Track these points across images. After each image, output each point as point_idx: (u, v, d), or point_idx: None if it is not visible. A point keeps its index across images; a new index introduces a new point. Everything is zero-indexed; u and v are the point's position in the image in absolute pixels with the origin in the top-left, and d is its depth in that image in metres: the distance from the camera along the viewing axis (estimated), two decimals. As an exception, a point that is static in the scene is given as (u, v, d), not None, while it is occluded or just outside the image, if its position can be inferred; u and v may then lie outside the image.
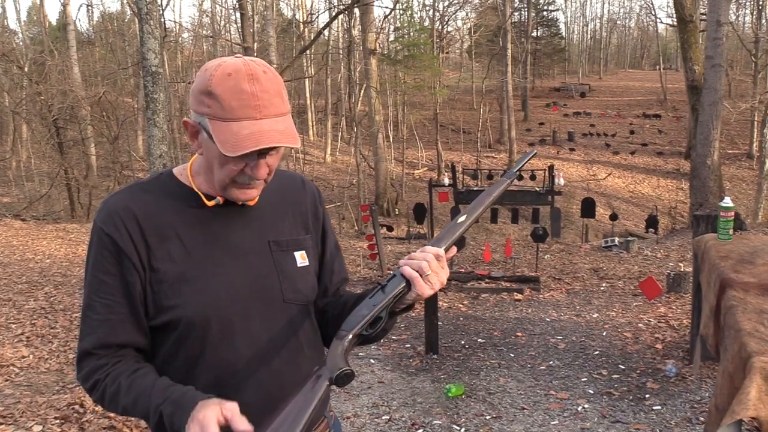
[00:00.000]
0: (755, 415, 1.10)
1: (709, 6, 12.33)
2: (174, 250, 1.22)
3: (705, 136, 12.68)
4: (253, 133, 1.12)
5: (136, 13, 11.94)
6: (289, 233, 1.34)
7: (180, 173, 1.30)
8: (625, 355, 5.02)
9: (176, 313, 1.21)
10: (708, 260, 1.88)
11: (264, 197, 1.31)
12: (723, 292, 1.50)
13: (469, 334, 5.83)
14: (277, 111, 1.16)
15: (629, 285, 8.07)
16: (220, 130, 1.14)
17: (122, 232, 1.20)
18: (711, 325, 1.59)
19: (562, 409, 3.90)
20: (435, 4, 35.88)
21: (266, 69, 1.17)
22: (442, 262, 1.21)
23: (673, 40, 53.41)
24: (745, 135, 28.74)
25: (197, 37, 31.84)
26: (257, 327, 1.24)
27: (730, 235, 1.98)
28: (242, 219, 1.29)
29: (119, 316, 1.21)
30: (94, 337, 1.21)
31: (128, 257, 1.20)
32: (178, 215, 1.24)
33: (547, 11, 46.87)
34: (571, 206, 21.79)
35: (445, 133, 31.94)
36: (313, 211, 1.41)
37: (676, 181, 26.74)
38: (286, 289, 1.28)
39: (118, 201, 1.24)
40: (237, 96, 1.13)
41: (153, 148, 7.21)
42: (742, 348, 1.22)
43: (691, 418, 3.66)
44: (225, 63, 1.16)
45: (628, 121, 34.63)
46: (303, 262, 1.33)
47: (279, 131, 1.14)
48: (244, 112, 1.13)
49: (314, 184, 1.48)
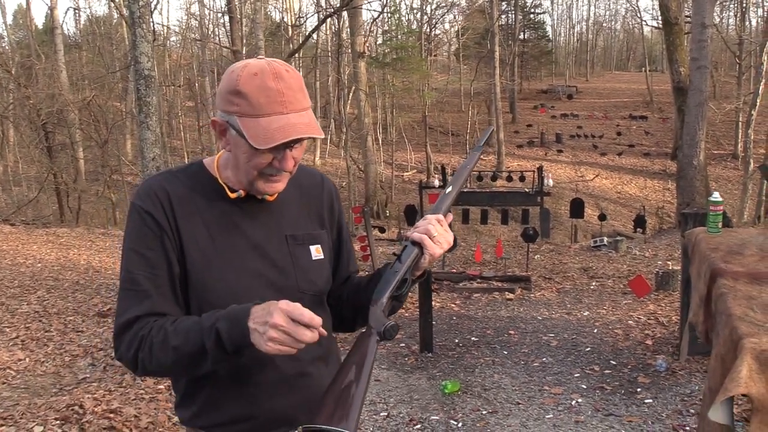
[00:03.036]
0: (746, 392, 1.18)
1: (694, 8, 12.50)
2: (200, 236, 1.30)
3: (691, 136, 12.84)
4: (282, 126, 1.20)
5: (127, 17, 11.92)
6: (305, 228, 1.41)
7: (209, 165, 1.38)
8: (616, 351, 5.11)
9: (197, 301, 1.29)
10: (698, 252, 1.96)
11: (285, 193, 1.39)
12: (714, 281, 1.58)
13: (462, 333, 5.90)
14: (301, 106, 1.24)
15: (618, 284, 8.18)
16: (250, 126, 1.21)
17: (160, 210, 1.28)
18: (701, 313, 1.67)
19: (556, 403, 3.98)
20: (423, 7, 36.04)
21: (288, 68, 1.26)
22: (444, 225, 1.32)
23: (658, 43, 53.92)
24: (730, 136, 29.09)
25: (185, 41, 31.79)
26: None
27: (719, 228, 2.06)
28: (262, 213, 1.36)
29: (162, 289, 1.28)
30: (139, 307, 1.26)
31: (167, 234, 1.28)
32: (206, 204, 1.32)
33: (534, 14, 47.21)
34: (559, 207, 21.96)
35: (433, 136, 32.06)
36: (329, 207, 1.49)
37: (663, 181, 27.00)
38: (301, 280, 1.36)
39: (154, 183, 1.32)
40: (264, 93, 1.21)
41: (146, 152, 7.22)
42: (733, 331, 1.30)
43: (682, 410, 3.75)
44: (250, 64, 1.24)
45: (615, 122, 34.92)
46: (318, 256, 1.41)
47: (305, 124, 1.23)
48: (271, 107, 1.21)
49: (331, 181, 1.56)
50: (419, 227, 1.31)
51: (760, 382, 1.17)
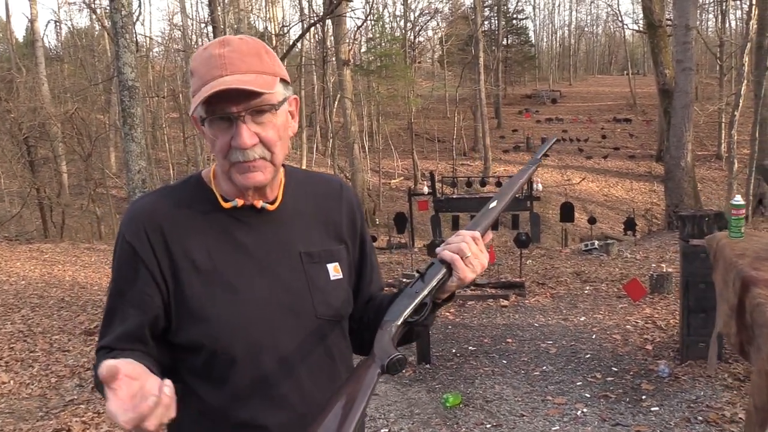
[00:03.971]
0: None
1: (678, 11, 12.58)
2: (199, 260, 1.15)
3: (678, 138, 12.91)
4: (212, 86, 1.06)
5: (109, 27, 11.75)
6: (321, 244, 1.25)
7: (206, 176, 1.24)
8: (616, 357, 5.03)
9: (198, 334, 1.14)
10: (723, 258, 1.88)
11: (295, 204, 1.25)
12: (746, 290, 1.50)
13: (459, 342, 5.80)
14: (249, 68, 1.09)
15: (612, 287, 8.12)
16: (194, 100, 1.09)
17: (143, 240, 1.14)
18: (733, 324, 1.59)
19: (561, 414, 3.89)
20: (406, 14, 36.12)
21: (246, 37, 1.14)
22: (480, 245, 1.16)
23: (639, 46, 54.50)
24: (713, 137, 29.34)
25: (168, 51, 31.58)
26: (287, 345, 1.17)
27: (742, 232, 1.98)
28: (270, 228, 1.21)
29: (129, 329, 1.14)
30: (105, 339, 1.16)
31: (146, 267, 1.14)
32: (203, 222, 1.18)
33: (517, 19, 47.48)
34: (547, 211, 22.00)
35: (420, 143, 32.07)
36: (350, 219, 1.32)
37: (649, 183, 27.18)
38: (318, 304, 1.20)
39: (142, 206, 1.19)
40: (206, 61, 1.10)
41: (131, 164, 7.07)
42: (780, 346, 1.21)
43: (690, 417, 3.67)
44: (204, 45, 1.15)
45: (599, 125, 35.13)
46: (336, 275, 1.25)
47: (238, 80, 1.07)
48: (210, 73, 1.08)
49: (352, 189, 1.40)
50: (451, 244, 1.14)
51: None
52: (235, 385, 1.15)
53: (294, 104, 1.21)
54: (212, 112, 1.09)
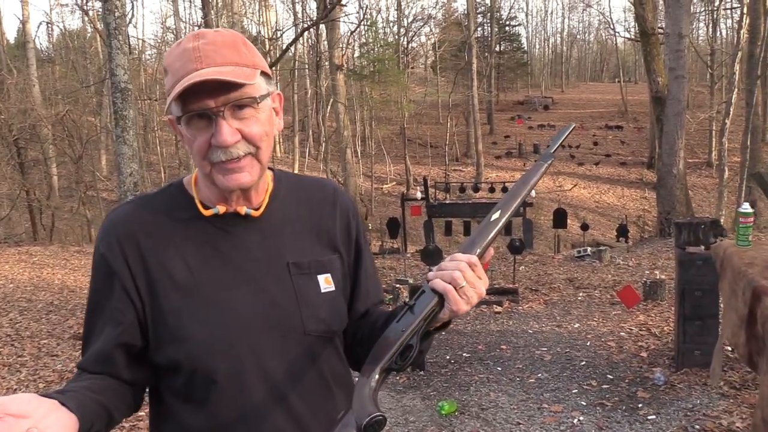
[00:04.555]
0: (824, 428, 1.06)
1: (671, 19, 12.64)
2: (177, 273, 1.07)
3: (670, 145, 12.95)
4: (187, 80, 0.98)
5: (100, 29, 11.65)
6: (312, 253, 1.16)
7: (188, 183, 1.15)
8: (611, 364, 5.01)
9: (177, 353, 1.06)
10: (730, 267, 1.85)
11: (283, 210, 1.16)
12: (758, 300, 1.47)
13: (453, 349, 5.76)
14: (225, 60, 1.01)
15: (606, 294, 8.12)
16: (169, 99, 1.01)
17: (116, 253, 1.07)
18: (742, 334, 1.56)
19: (557, 422, 3.85)
20: (399, 20, 36.20)
21: (223, 30, 1.06)
22: (478, 271, 1.03)
23: (631, 54, 54.85)
24: (704, 144, 29.54)
25: (161, 54, 31.46)
26: (274, 365, 1.08)
27: (750, 241, 1.96)
28: (256, 237, 1.12)
29: (101, 348, 1.07)
30: (82, 359, 1.10)
31: (120, 282, 1.07)
32: (183, 231, 1.10)
33: (510, 26, 47.70)
34: (539, 217, 22.03)
35: (412, 148, 32.09)
36: (344, 226, 1.22)
37: (640, 190, 27.30)
38: (308, 319, 1.11)
39: (117, 217, 1.11)
40: (180, 56, 1.02)
41: (123, 167, 7.00)
42: (795, 358, 1.18)
43: (687, 426, 3.64)
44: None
45: (591, 132, 35.28)
46: (328, 287, 1.15)
47: (216, 72, 0.99)
48: (185, 68, 1.00)
49: (348, 194, 1.32)
50: (444, 271, 1.01)
51: (837, 418, 1.05)
52: (217, 409, 1.07)
53: (278, 100, 1.12)
54: (188, 110, 1.01)
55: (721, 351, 2.25)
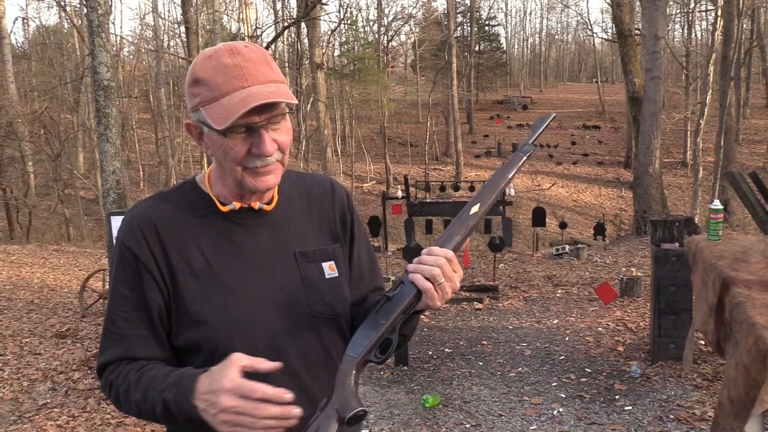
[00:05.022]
0: (784, 402, 1.16)
1: (647, 21, 12.87)
2: (195, 263, 1.17)
3: (646, 145, 13.20)
4: (243, 98, 1.07)
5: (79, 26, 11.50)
6: (316, 243, 1.27)
7: (201, 181, 1.25)
8: (589, 358, 5.14)
9: (199, 334, 1.15)
10: (701, 260, 1.97)
11: (288, 204, 1.27)
12: (726, 290, 1.58)
13: (435, 345, 5.86)
14: (266, 78, 1.11)
15: (583, 291, 8.28)
16: (211, 111, 1.09)
17: (142, 244, 1.16)
18: (711, 321, 1.67)
19: (538, 414, 3.97)
20: (380, 19, 36.27)
21: (248, 44, 1.14)
22: (454, 265, 1.10)
23: (608, 55, 55.53)
24: (679, 144, 30.04)
25: (139, 51, 31.18)
26: (284, 344, 1.18)
27: (720, 236, 2.07)
28: (264, 229, 1.23)
29: (138, 331, 1.16)
30: (114, 351, 1.17)
31: (149, 270, 1.16)
32: (200, 226, 1.19)
33: (489, 26, 48.00)
34: (518, 216, 22.25)
35: (392, 147, 32.18)
36: (342, 217, 1.33)
37: (617, 189, 27.69)
38: (314, 303, 1.21)
39: (138, 212, 1.20)
40: (221, 72, 1.09)
41: (105, 165, 6.99)
42: (759, 341, 1.28)
43: (662, 416, 3.78)
44: (206, 50, 1.15)
45: (569, 132, 35.68)
46: (332, 273, 1.26)
47: (270, 92, 1.09)
48: (230, 84, 1.08)
49: (344, 187, 1.42)
50: (424, 267, 1.08)
51: (795, 394, 1.16)
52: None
53: None
54: (235, 123, 1.09)
55: (692, 339, 2.37)
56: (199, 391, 1.02)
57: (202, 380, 1.03)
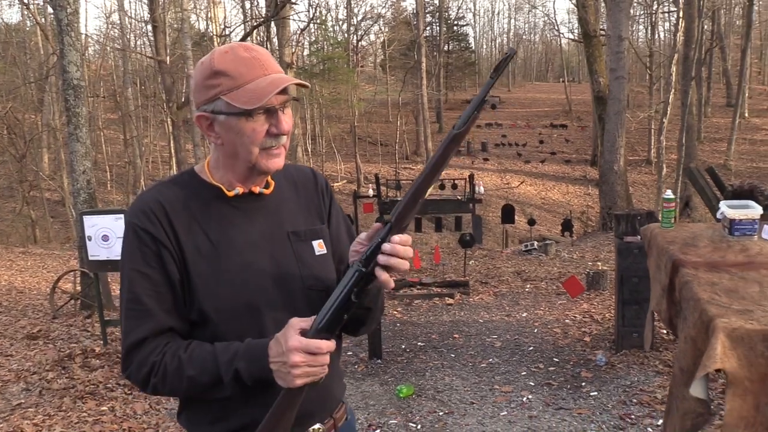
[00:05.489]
0: (721, 366, 1.29)
1: (611, 22, 13.18)
2: (201, 244, 1.29)
3: (611, 143, 13.53)
4: (270, 81, 1.23)
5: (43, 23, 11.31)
6: (305, 224, 1.41)
7: (200, 171, 1.37)
8: (557, 349, 5.31)
9: (207, 306, 1.27)
10: (655, 246, 2.11)
11: (281, 191, 1.40)
12: (676, 271, 1.72)
13: (408, 339, 5.98)
14: (278, 69, 1.28)
15: (552, 285, 8.48)
16: (237, 96, 1.22)
17: (156, 225, 1.27)
18: (663, 301, 1.81)
19: (508, 401, 4.11)
20: (349, 18, 36.30)
21: (252, 45, 1.30)
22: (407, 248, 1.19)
23: (574, 54, 56.38)
24: (644, 142, 30.73)
25: (105, 50, 30.72)
26: (284, 314, 1.29)
27: (672, 223, 2.22)
28: (261, 212, 1.36)
29: (165, 305, 1.27)
30: (144, 327, 1.26)
31: (166, 248, 1.27)
32: (202, 210, 1.31)
33: (458, 26, 48.41)
34: (488, 214, 22.54)
35: (362, 146, 32.29)
36: (323, 200, 1.48)
37: (584, 187, 28.21)
38: (306, 277, 1.35)
39: (148, 198, 1.31)
40: (242, 63, 1.24)
41: (76, 164, 6.96)
42: (703, 314, 1.41)
43: (625, 400, 3.95)
44: (218, 48, 1.29)
45: (537, 131, 36.22)
46: (321, 251, 1.40)
47: (288, 78, 1.26)
48: (253, 73, 1.24)
49: (322, 174, 1.57)
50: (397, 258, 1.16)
51: (733, 358, 1.29)
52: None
53: None
54: (260, 106, 1.22)
55: (650, 320, 2.53)
56: (271, 356, 1.18)
57: (272, 347, 1.18)
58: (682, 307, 1.58)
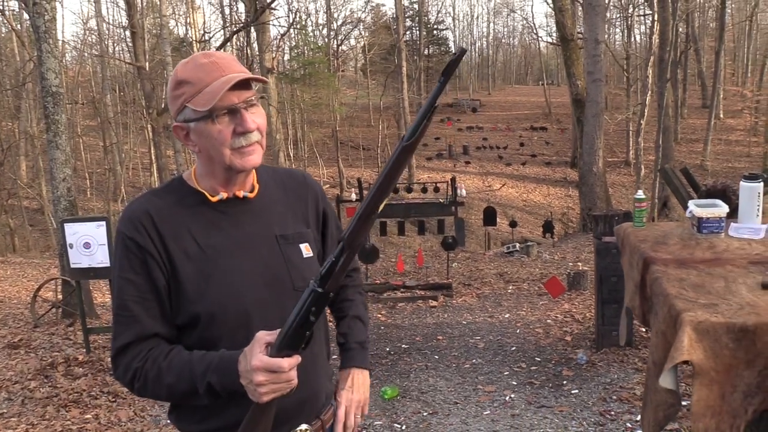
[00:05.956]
0: (689, 358, 1.36)
1: (588, 25, 13.36)
2: (189, 248, 1.32)
3: (590, 145, 13.70)
4: (222, 82, 1.26)
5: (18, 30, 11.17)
6: (293, 227, 1.44)
7: (188, 178, 1.41)
8: (539, 348, 5.39)
9: (197, 309, 1.30)
10: (628, 244, 2.18)
11: (268, 194, 1.44)
12: (647, 268, 1.78)
13: (392, 341, 6.03)
14: (239, 69, 1.31)
15: (533, 286, 8.59)
16: (197, 101, 1.27)
17: (143, 234, 1.31)
18: (636, 298, 1.88)
19: (491, 400, 4.17)
20: (329, 23, 36.36)
21: (219, 52, 1.35)
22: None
23: (553, 58, 56.92)
24: (621, 144, 31.09)
25: (82, 57, 30.45)
26: (272, 315, 1.33)
27: (644, 222, 2.30)
28: (249, 216, 1.39)
29: (150, 311, 1.31)
30: (129, 332, 1.30)
31: (152, 256, 1.30)
32: (191, 216, 1.35)
33: (438, 30, 48.67)
34: (470, 216, 22.66)
35: (344, 150, 32.31)
36: (314, 205, 1.52)
37: (564, 188, 28.48)
38: (296, 278, 1.38)
39: (136, 208, 1.35)
40: (201, 69, 1.28)
41: (56, 172, 6.92)
42: (671, 308, 1.48)
43: (606, 397, 4.03)
44: (182, 60, 1.34)
45: (517, 134, 36.49)
46: (308, 254, 1.44)
47: (245, 76, 1.29)
48: (210, 76, 1.27)
49: (313, 178, 1.60)
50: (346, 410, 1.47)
51: (699, 350, 1.35)
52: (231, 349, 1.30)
53: None
54: (218, 107, 1.27)
55: (625, 315, 2.61)
56: (239, 371, 1.19)
57: (240, 361, 1.19)
58: (653, 303, 1.65)
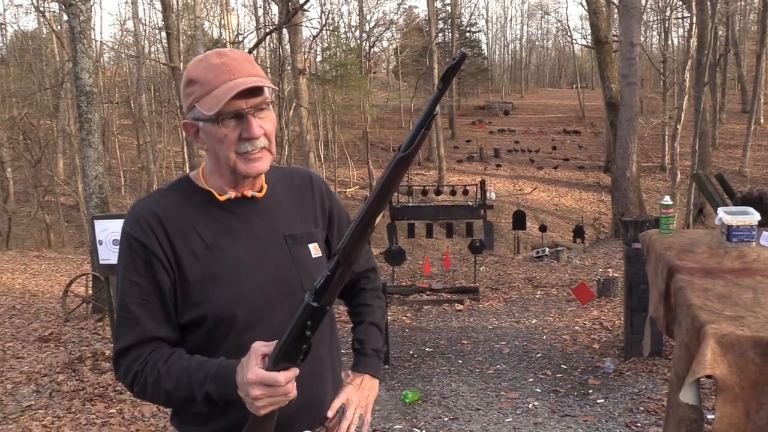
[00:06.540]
0: (711, 373, 1.29)
1: (623, 28, 13.14)
2: (197, 248, 1.30)
3: (623, 150, 13.46)
4: (230, 87, 1.23)
5: (58, 31, 11.46)
6: (301, 227, 1.42)
7: (195, 177, 1.39)
8: (565, 355, 5.29)
9: (204, 309, 1.28)
10: (654, 252, 2.11)
11: (276, 194, 1.41)
12: (671, 276, 1.72)
13: (416, 344, 5.98)
14: (249, 72, 1.26)
15: (562, 292, 8.45)
16: (204, 103, 1.24)
17: (149, 235, 1.29)
18: (661, 307, 1.81)
19: (514, 407, 4.10)
20: (362, 25, 36.46)
21: (234, 50, 1.31)
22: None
23: (588, 60, 56.19)
24: (657, 149, 30.49)
25: (119, 57, 31.08)
26: (279, 315, 1.31)
27: (671, 229, 2.22)
28: (257, 215, 1.37)
29: (153, 314, 1.29)
30: (131, 334, 1.28)
31: (157, 258, 1.28)
32: (198, 215, 1.33)
33: (470, 32, 48.43)
34: (500, 220, 22.48)
35: (375, 152, 32.35)
36: (321, 204, 1.49)
37: (597, 193, 28.04)
38: (304, 279, 1.35)
39: (142, 207, 1.33)
40: (211, 70, 1.25)
41: (88, 170, 7.04)
42: (694, 320, 1.41)
43: (632, 408, 3.93)
44: (196, 57, 1.31)
45: (550, 137, 36.08)
46: (317, 254, 1.41)
47: (253, 81, 1.25)
48: (219, 79, 1.24)
49: (321, 177, 1.57)
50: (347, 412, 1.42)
51: (723, 364, 1.29)
52: (232, 353, 1.26)
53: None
54: (224, 111, 1.24)
55: (649, 326, 2.53)
56: (237, 382, 1.15)
57: (237, 372, 1.16)
58: (677, 313, 1.58)
